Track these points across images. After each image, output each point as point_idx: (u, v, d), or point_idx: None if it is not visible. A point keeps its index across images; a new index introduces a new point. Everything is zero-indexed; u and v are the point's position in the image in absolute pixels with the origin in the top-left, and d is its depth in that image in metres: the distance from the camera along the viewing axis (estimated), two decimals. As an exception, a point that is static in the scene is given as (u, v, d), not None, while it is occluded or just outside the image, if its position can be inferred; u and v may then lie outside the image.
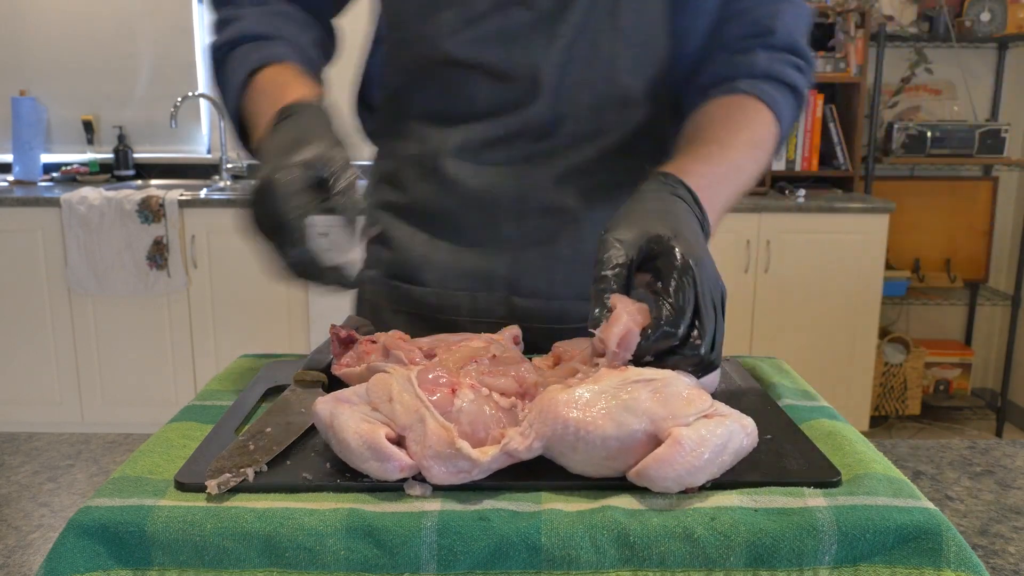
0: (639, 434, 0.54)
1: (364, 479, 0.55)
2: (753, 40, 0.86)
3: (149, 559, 0.51)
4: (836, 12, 3.18)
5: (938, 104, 3.49)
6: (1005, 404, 3.50)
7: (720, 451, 0.54)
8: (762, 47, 0.86)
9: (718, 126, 0.81)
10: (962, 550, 0.51)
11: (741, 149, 0.80)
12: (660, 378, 0.57)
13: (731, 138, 0.80)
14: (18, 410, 3.12)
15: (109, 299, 3.02)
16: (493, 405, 0.58)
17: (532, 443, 0.54)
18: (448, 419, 0.55)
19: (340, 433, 0.55)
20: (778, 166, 3.29)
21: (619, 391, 0.55)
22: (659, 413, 0.54)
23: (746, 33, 0.87)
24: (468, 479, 0.54)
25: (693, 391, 0.57)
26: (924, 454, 0.90)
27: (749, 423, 0.57)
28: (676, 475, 0.52)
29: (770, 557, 0.50)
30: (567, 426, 0.53)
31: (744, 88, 0.84)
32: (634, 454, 0.54)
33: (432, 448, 0.53)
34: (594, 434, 0.53)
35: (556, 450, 0.55)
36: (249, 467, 0.55)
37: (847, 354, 3.09)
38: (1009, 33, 3.27)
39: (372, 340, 0.78)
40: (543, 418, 0.54)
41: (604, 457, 0.54)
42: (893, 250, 3.41)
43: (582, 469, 0.55)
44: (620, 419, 0.54)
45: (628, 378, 0.56)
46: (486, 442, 0.56)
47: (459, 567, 0.50)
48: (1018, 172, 3.55)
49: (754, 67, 0.85)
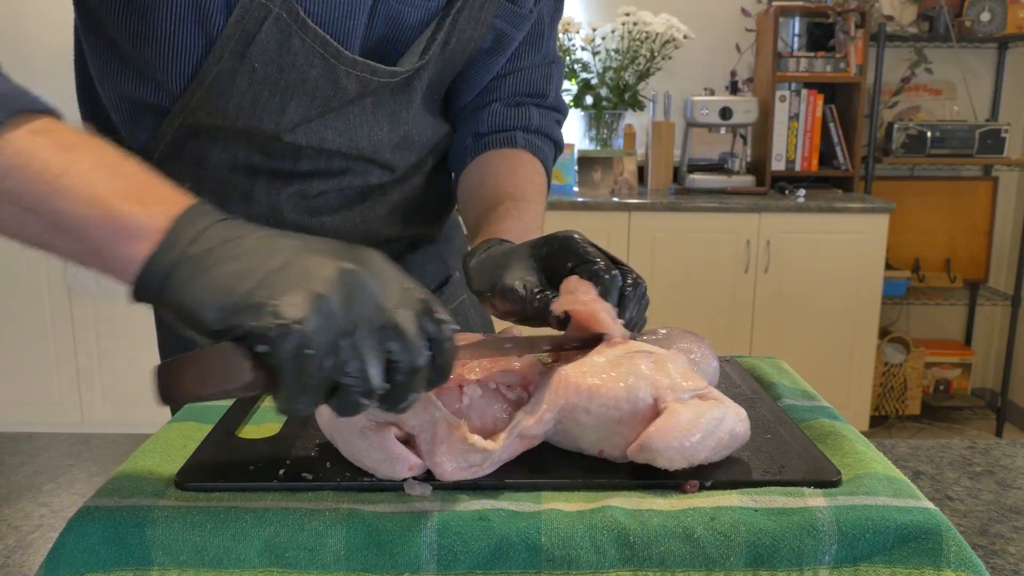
0: (646, 399, 0.56)
1: (364, 479, 0.55)
2: (528, 98, 0.98)
3: (149, 559, 0.51)
4: (836, 12, 3.18)
5: (938, 104, 3.49)
6: (1005, 404, 3.50)
7: (716, 426, 0.55)
8: (536, 105, 0.98)
9: (506, 183, 0.90)
10: (962, 550, 0.51)
11: (531, 200, 0.89)
12: (659, 353, 0.59)
13: (520, 192, 0.89)
14: (18, 410, 3.12)
15: (109, 299, 3.02)
16: (501, 398, 0.59)
17: (543, 415, 0.55)
18: (457, 415, 0.55)
19: (347, 433, 0.55)
20: (778, 166, 3.29)
21: (623, 360, 0.58)
22: (661, 382, 0.56)
23: (523, 92, 0.97)
24: (480, 472, 0.54)
25: (689, 371, 0.59)
26: (924, 454, 0.90)
27: (742, 412, 0.58)
28: (678, 444, 0.53)
29: (770, 557, 0.50)
30: (580, 390, 0.55)
31: (520, 143, 0.95)
32: (639, 423, 0.55)
33: (443, 445, 0.53)
34: (607, 395, 0.55)
35: (568, 420, 0.56)
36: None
37: (847, 354, 3.09)
38: (1009, 33, 3.27)
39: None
40: (555, 389, 0.56)
41: (615, 421, 0.55)
42: (893, 250, 3.41)
43: (590, 438, 0.56)
44: (628, 382, 0.56)
45: (630, 349, 0.59)
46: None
47: (459, 567, 0.50)
48: (1018, 172, 3.55)
49: (529, 122, 0.96)
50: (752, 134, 3.43)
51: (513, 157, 0.94)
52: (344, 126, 0.83)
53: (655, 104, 3.41)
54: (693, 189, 3.24)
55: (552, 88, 0.99)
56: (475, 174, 0.94)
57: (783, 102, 3.26)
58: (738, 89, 3.45)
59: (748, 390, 0.74)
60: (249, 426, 0.67)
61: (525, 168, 0.94)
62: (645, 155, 3.38)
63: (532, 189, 0.91)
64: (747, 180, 3.25)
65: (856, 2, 3.17)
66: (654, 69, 3.24)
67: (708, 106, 3.19)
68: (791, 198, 3.09)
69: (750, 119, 3.22)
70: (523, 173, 0.93)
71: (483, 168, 0.94)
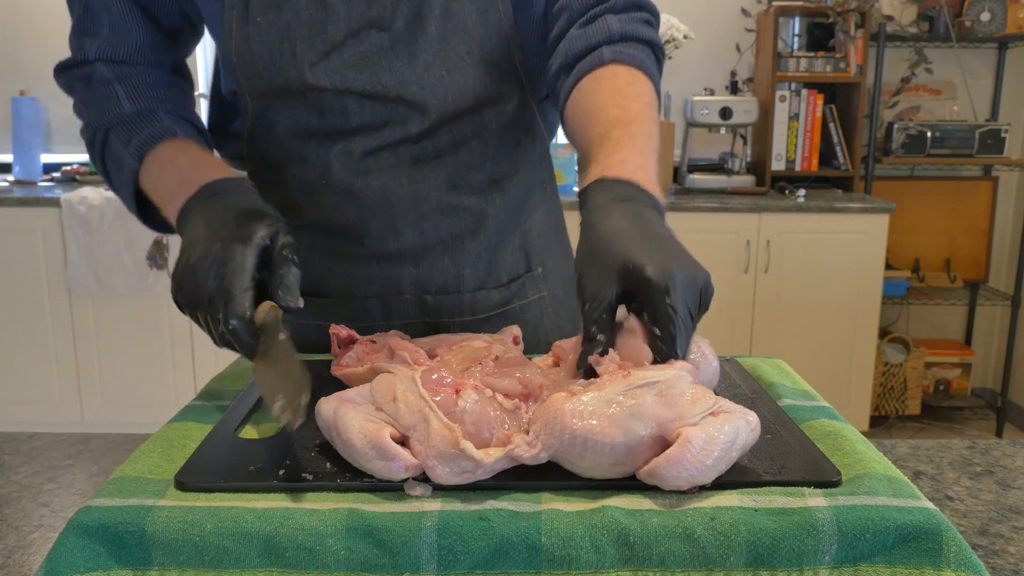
0: (646, 439, 0.54)
1: (364, 479, 0.55)
2: (598, 7, 0.88)
3: (149, 559, 0.51)
4: (836, 12, 3.18)
5: (938, 104, 3.49)
6: (1005, 404, 3.50)
7: (729, 448, 0.54)
8: (609, 11, 0.87)
9: (610, 106, 0.82)
10: (962, 550, 0.51)
11: (641, 117, 0.81)
12: (663, 379, 0.57)
13: (628, 114, 0.80)
14: (18, 410, 3.12)
15: (109, 299, 3.02)
16: (496, 406, 0.58)
17: (539, 453, 0.54)
18: (452, 419, 0.55)
19: (344, 433, 0.56)
20: (778, 166, 3.29)
21: (624, 397, 0.55)
22: (666, 416, 0.54)
23: (590, 2, 0.88)
24: (471, 479, 0.54)
25: (697, 390, 0.57)
26: (924, 454, 0.90)
27: (753, 418, 0.57)
28: (688, 474, 0.53)
29: (770, 557, 0.50)
30: (574, 436, 0.53)
31: (609, 57, 0.85)
32: (642, 456, 0.54)
33: (436, 448, 0.53)
34: (602, 443, 0.53)
35: (563, 459, 0.55)
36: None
37: (847, 354, 3.09)
38: (1009, 33, 3.27)
39: (372, 340, 0.78)
40: (550, 429, 0.54)
41: (612, 463, 0.54)
42: (893, 250, 3.41)
43: (590, 474, 0.55)
44: (627, 426, 0.54)
45: (632, 383, 0.56)
46: (490, 443, 0.56)
47: (459, 567, 0.50)
48: (1018, 172, 3.55)
49: (610, 33, 0.86)
50: (752, 134, 3.43)
51: (610, 76, 0.85)
52: (361, 61, 0.86)
53: (655, 104, 3.41)
54: (693, 189, 3.24)
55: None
56: (578, 108, 0.86)
57: (783, 102, 3.26)
58: (738, 89, 3.45)
59: (748, 390, 0.74)
60: (249, 426, 0.67)
61: (624, 84, 0.84)
62: (645, 155, 3.37)
63: (638, 106, 0.82)
64: (747, 180, 3.25)
65: (856, 2, 3.17)
66: (654, 69, 3.24)
67: (708, 106, 3.20)
68: (791, 198, 3.09)
69: (750, 119, 3.22)
70: (625, 89, 0.84)
71: (582, 98, 0.85)
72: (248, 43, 0.87)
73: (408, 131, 0.90)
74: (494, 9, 0.89)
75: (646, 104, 0.83)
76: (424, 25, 0.87)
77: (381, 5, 0.86)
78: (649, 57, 0.87)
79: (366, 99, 0.88)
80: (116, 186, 0.89)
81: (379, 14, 0.86)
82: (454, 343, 0.74)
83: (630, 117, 0.80)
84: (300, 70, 0.86)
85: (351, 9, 0.86)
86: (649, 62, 0.87)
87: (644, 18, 0.89)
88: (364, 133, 0.89)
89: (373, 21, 0.86)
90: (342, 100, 0.88)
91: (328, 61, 0.86)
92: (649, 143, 0.78)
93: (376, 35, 0.86)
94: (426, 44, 0.87)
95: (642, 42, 0.87)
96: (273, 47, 0.86)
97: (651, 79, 0.86)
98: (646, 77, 0.85)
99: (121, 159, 0.86)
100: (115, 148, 0.87)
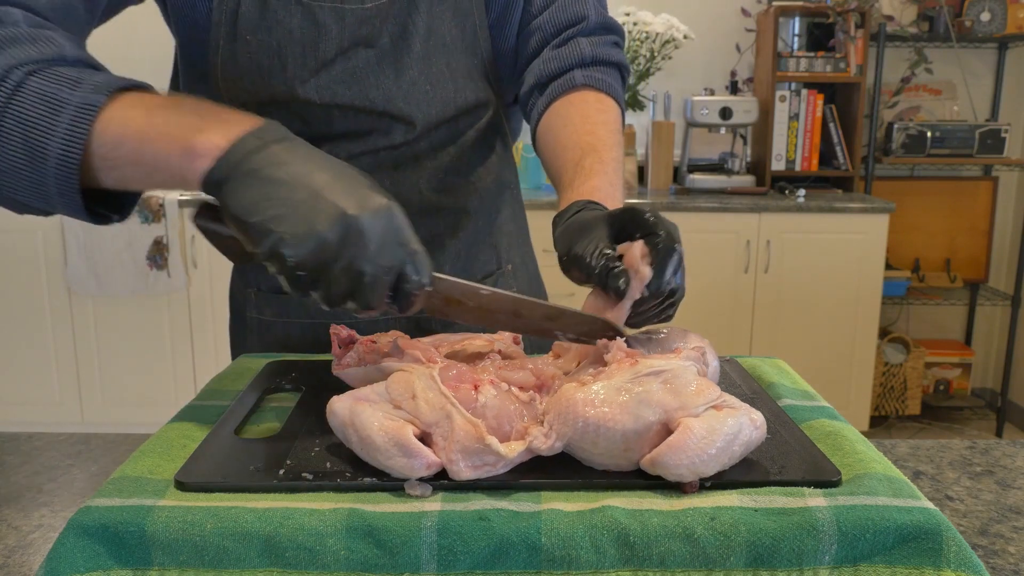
0: (655, 425, 0.56)
1: (364, 479, 0.55)
2: (571, 30, 0.93)
3: (149, 559, 0.51)
4: (836, 12, 3.18)
5: (938, 104, 3.49)
6: (1005, 404, 3.50)
7: (731, 441, 0.55)
8: (581, 34, 0.93)
9: (581, 132, 0.87)
10: (962, 550, 0.51)
11: (609, 144, 0.86)
12: (669, 369, 0.59)
13: (598, 140, 0.86)
14: (18, 410, 3.12)
15: (109, 299, 3.02)
16: (514, 399, 0.60)
17: (554, 443, 0.56)
18: (473, 415, 0.56)
19: (363, 431, 0.56)
20: (778, 166, 3.29)
21: (632, 385, 0.57)
22: (671, 404, 0.56)
23: (563, 24, 0.93)
24: (492, 472, 0.55)
25: (701, 382, 0.59)
26: (924, 454, 0.90)
27: (758, 417, 0.57)
28: (689, 462, 0.54)
29: (770, 557, 0.50)
30: (587, 423, 0.56)
31: (580, 80, 0.91)
32: (650, 443, 0.56)
33: (460, 443, 0.54)
34: (614, 429, 0.55)
35: (577, 446, 0.57)
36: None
37: (847, 354, 3.09)
38: (1009, 33, 3.27)
39: (372, 340, 0.78)
40: (563, 418, 0.56)
41: (624, 449, 0.56)
42: (893, 250, 3.41)
43: (600, 461, 0.57)
44: (637, 412, 0.56)
45: (639, 371, 0.58)
46: (510, 436, 0.57)
47: (459, 567, 0.50)
48: (1018, 172, 3.55)
49: (582, 56, 0.92)
50: (752, 134, 3.43)
51: (580, 101, 0.91)
52: (350, 78, 0.88)
53: (655, 104, 3.41)
54: (693, 189, 3.24)
55: (590, 8, 0.95)
56: (548, 129, 0.91)
57: (783, 102, 3.26)
58: (738, 89, 3.45)
59: (748, 390, 0.74)
60: (249, 426, 0.67)
61: (594, 110, 0.90)
62: (645, 155, 3.38)
63: (606, 132, 0.88)
64: (747, 180, 3.25)
65: (856, 2, 3.17)
66: (654, 69, 3.24)
67: (708, 106, 3.19)
68: (791, 198, 3.08)
69: (750, 119, 3.22)
70: (594, 116, 0.90)
71: (554, 120, 0.91)
72: (235, 60, 0.86)
73: (392, 140, 0.92)
74: (471, 26, 0.93)
75: (613, 130, 0.89)
76: (409, 42, 0.89)
77: (370, 24, 0.88)
78: (616, 80, 0.95)
79: (352, 112, 0.90)
80: (32, 141, 0.62)
81: (368, 32, 0.88)
82: (455, 343, 0.74)
83: (600, 144, 0.85)
84: (290, 86, 0.87)
85: (343, 28, 0.87)
86: (616, 85, 0.94)
87: (613, 40, 0.96)
88: (347, 139, 0.91)
89: (362, 39, 0.88)
90: (328, 112, 0.89)
91: (318, 78, 0.88)
92: (617, 170, 0.84)
93: (364, 52, 0.88)
94: (411, 61, 0.90)
95: (611, 64, 0.94)
96: (263, 64, 0.87)
97: (618, 103, 0.93)
98: (614, 101, 0.93)
99: (59, 99, 0.61)
100: (46, 89, 0.62)
